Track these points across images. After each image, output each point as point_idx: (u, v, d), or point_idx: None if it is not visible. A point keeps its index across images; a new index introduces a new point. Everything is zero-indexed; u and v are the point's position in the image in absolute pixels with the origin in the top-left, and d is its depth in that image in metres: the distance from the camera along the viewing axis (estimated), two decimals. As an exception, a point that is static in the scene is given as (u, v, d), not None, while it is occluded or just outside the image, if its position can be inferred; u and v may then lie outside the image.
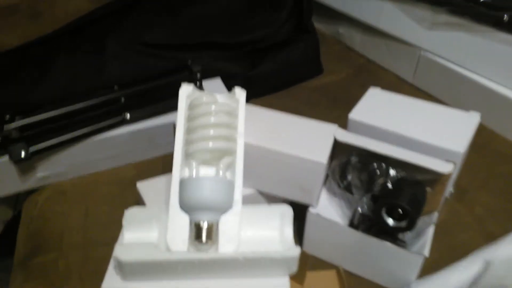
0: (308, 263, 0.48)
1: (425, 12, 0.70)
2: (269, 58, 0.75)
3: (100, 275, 0.40)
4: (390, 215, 0.46)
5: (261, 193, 0.53)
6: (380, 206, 0.46)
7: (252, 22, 0.75)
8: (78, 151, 0.59)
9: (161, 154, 0.65)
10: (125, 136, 0.61)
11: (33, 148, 0.56)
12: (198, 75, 0.63)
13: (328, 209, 0.51)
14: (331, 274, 0.51)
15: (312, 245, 0.53)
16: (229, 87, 0.71)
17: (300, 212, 0.50)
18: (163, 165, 0.65)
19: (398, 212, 0.45)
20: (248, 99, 0.78)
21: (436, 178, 0.46)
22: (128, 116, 0.60)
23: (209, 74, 0.71)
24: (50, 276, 0.51)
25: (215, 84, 0.71)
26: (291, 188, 0.50)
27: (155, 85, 0.61)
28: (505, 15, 0.61)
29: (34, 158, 0.57)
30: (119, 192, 0.60)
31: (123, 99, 0.60)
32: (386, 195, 0.46)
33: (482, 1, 0.62)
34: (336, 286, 0.50)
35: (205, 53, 0.72)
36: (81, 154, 0.60)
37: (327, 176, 0.51)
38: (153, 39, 0.72)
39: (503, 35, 0.63)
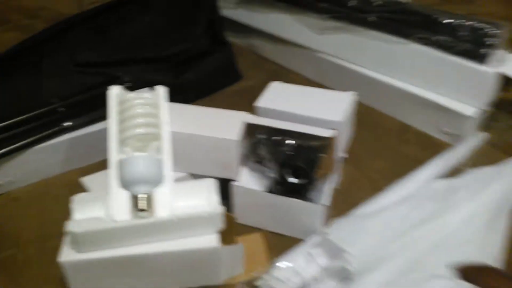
0: (234, 223, 0.58)
1: (314, 20, 0.86)
2: (191, 68, 0.87)
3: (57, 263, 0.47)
4: (294, 176, 0.58)
5: (192, 175, 0.63)
6: (284, 170, 0.58)
7: (172, 38, 0.86)
8: (25, 160, 0.66)
9: (104, 158, 0.73)
10: (66, 143, 0.69)
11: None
12: (129, 85, 0.73)
13: (248, 181, 0.62)
14: (256, 236, 0.61)
15: (239, 214, 0.64)
16: (158, 96, 0.81)
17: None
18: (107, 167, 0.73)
19: (300, 173, 0.57)
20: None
21: (326, 144, 0.59)
22: (66, 124, 0.68)
23: (139, 85, 0.80)
24: (10, 269, 0.57)
25: (145, 94, 0.81)
26: (214, 166, 0.61)
27: (91, 95, 0.70)
28: (370, 17, 0.77)
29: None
30: (69, 193, 0.66)
31: (61, 110, 0.68)
32: (287, 160, 0.58)
33: (351, 6, 0.78)
34: (262, 245, 0.60)
35: (134, 67, 0.82)
36: (29, 163, 0.67)
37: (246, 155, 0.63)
38: (84, 59, 0.80)
39: (372, 32, 0.79)
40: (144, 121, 0.53)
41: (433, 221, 0.56)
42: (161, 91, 0.57)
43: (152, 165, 0.51)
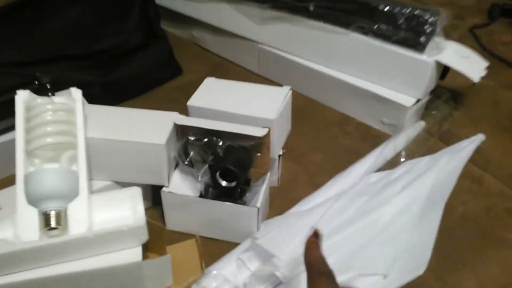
0: (164, 233, 0.54)
1: (254, 10, 0.82)
2: (124, 64, 0.81)
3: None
4: (224, 179, 0.55)
5: (118, 183, 0.58)
6: (214, 172, 0.54)
7: (103, 32, 0.80)
8: None
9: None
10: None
11: None
12: (48, 85, 0.67)
13: (181, 186, 0.59)
14: (190, 243, 0.58)
15: (173, 221, 0.60)
16: (87, 96, 0.75)
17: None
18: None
19: (230, 174, 0.54)
20: (110, 105, 0.83)
21: (260, 143, 0.56)
22: (-21, 133, 0.62)
23: (64, 85, 0.74)
24: None
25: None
26: (142, 173, 0.56)
27: (3, 100, 0.63)
28: (310, 6, 0.74)
29: None
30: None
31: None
32: (216, 162, 0.54)
33: (290, -4, 0.75)
34: (195, 252, 0.57)
35: (59, 65, 0.75)
36: None
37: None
38: (4, 58, 0.73)
39: (312, 22, 0.76)
40: (54, 129, 0.47)
41: (367, 216, 0.54)
42: (77, 94, 0.52)
43: (64, 178, 0.46)
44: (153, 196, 0.62)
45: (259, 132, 0.54)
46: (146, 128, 0.56)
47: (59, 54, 0.76)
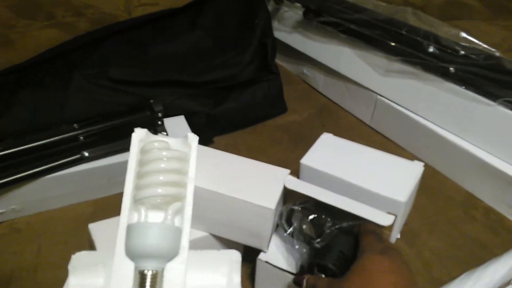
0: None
1: (380, 60, 0.74)
2: (233, 97, 0.78)
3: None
4: (323, 272, 0.47)
5: (214, 236, 0.54)
6: (311, 266, 0.47)
7: (217, 62, 0.77)
8: (35, 188, 0.59)
9: (119, 192, 0.65)
10: (82, 174, 0.61)
11: (-13, 185, 0.56)
12: (160, 114, 0.65)
13: (277, 254, 0.52)
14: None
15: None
16: (192, 125, 0.72)
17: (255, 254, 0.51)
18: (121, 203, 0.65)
19: (328, 272, 0.46)
20: (212, 136, 0.80)
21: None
22: (86, 154, 0.61)
23: (172, 112, 0.72)
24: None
25: (178, 122, 0.72)
26: (241, 232, 0.51)
27: (116, 124, 0.62)
28: (451, 68, 0.65)
29: (-11, 194, 0.57)
30: (75, 230, 0.60)
31: (82, 138, 0.60)
32: (317, 256, 0.47)
33: (431, 52, 0.66)
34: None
35: (169, 90, 0.74)
36: (37, 191, 0.60)
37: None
38: (118, 75, 0.73)
39: (450, 85, 0.67)
40: (166, 179, 0.43)
41: None
42: (194, 141, 0.48)
43: (167, 236, 0.42)
44: (244, 252, 0.57)
45: (384, 219, 0.46)
46: (255, 185, 0.50)
47: (171, 79, 0.74)
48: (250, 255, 0.54)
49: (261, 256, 0.51)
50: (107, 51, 0.76)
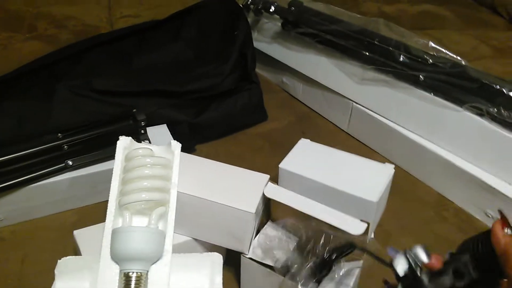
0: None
1: (355, 69, 0.78)
2: (214, 106, 0.80)
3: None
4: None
5: (197, 241, 0.55)
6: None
7: (199, 73, 0.79)
8: (19, 197, 0.60)
9: (103, 200, 0.67)
10: (66, 182, 0.62)
11: (-29, 195, 0.57)
12: (143, 123, 0.66)
13: (260, 254, 0.54)
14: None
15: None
16: (175, 134, 0.74)
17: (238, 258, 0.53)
18: (105, 211, 0.66)
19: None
20: (194, 144, 0.82)
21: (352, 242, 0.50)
22: (70, 163, 0.62)
23: (155, 121, 0.74)
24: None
25: (160, 131, 0.74)
26: (223, 235, 0.53)
27: (99, 132, 0.63)
28: (421, 75, 0.69)
29: (-28, 204, 0.57)
30: (59, 239, 0.61)
31: (66, 147, 0.61)
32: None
33: (401, 61, 0.70)
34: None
35: (153, 100, 0.75)
36: (22, 200, 0.60)
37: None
38: (102, 86, 0.74)
39: (420, 92, 0.71)
40: (150, 184, 0.45)
41: None
42: (176, 148, 0.50)
43: (151, 240, 0.44)
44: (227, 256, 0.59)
45: (356, 229, 0.49)
46: (236, 190, 0.53)
47: (154, 89, 0.76)
48: (232, 259, 0.56)
49: (244, 254, 0.53)
50: (91, 62, 0.78)
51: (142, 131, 0.68)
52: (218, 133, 0.83)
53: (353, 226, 0.49)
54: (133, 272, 0.42)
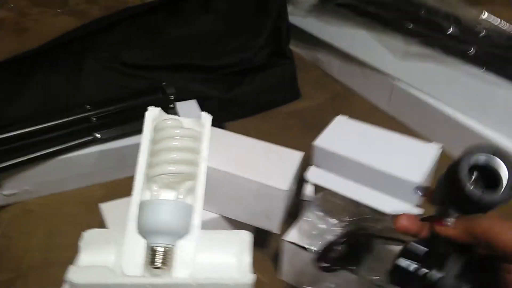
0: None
1: (398, 43, 0.72)
2: (246, 82, 0.77)
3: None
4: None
5: (225, 218, 0.53)
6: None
7: (231, 46, 0.76)
8: (47, 169, 0.59)
9: (131, 175, 0.65)
10: (94, 156, 0.61)
11: (0, 165, 0.56)
12: (172, 97, 0.64)
13: (301, 236, 0.51)
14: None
15: (287, 272, 0.53)
16: (205, 110, 0.71)
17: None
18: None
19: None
20: (224, 122, 0.79)
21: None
22: (98, 135, 0.60)
23: (185, 96, 0.72)
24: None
25: (190, 106, 0.72)
26: (253, 213, 0.50)
27: (128, 105, 0.62)
28: (472, 48, 0.63)
29: (1, 175, 0.57)
30: (85, 213, 0.60)
31: (94, 119, 0.60)
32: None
33: (450, 33, 0.64)
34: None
35: (182, 74, 0.73)
36: (50, 173, 0.60)
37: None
38: (131, 59, 0.73)
39: (468, 68, 0.65)
40: (179, 157, 0.43)
41: None
42: (207, 120, 0.47)
43: (179, 213, 0.42)
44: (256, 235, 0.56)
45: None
46: (268, 167, 0.50)
47: (184, 63, 0.73)
48: (261, 239, 0.53)
49: (285, 236, 0.50)
50: (121, 36, 0.76)
51: (171, 105, 0.66)
52: (248, 111, 0.80)
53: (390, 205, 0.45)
54: (159, 246, 0.40)
